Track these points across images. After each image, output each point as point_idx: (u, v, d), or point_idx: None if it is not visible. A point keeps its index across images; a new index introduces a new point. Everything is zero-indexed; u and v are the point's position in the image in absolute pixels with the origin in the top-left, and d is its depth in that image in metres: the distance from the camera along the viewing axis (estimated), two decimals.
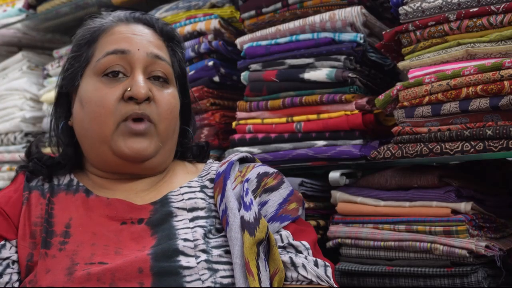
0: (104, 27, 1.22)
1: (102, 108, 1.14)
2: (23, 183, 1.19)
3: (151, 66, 1.19)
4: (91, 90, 1.17)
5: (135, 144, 1.14)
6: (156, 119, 1.17)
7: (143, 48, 1.18)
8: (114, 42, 1.18)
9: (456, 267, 1.34)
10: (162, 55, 1.21)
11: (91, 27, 1.23)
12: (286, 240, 1.13)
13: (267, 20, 1.71)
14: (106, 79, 1.17)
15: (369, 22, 1.58)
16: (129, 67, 1.17)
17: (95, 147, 1.17)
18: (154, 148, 1.17)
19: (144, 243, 1.07)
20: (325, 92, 1.57)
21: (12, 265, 1.08)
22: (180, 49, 1.30)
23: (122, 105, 1.14)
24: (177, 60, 1.27)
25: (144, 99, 1.14)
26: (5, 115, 2.43)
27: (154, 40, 1.22)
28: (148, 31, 1.23)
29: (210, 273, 1.03)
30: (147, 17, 1.26)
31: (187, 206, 1.14)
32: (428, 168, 1.44)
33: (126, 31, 1.20)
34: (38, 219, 1.12)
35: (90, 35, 1.22)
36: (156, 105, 1.17)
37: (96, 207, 1.14)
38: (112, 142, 1.14)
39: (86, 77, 1.19)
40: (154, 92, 1.18)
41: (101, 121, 1.14)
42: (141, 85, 1.14)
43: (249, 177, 1.19)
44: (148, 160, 1.17)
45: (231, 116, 1.79)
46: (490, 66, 1.28)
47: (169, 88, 1.22)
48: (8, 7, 2.52)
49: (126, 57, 1.17)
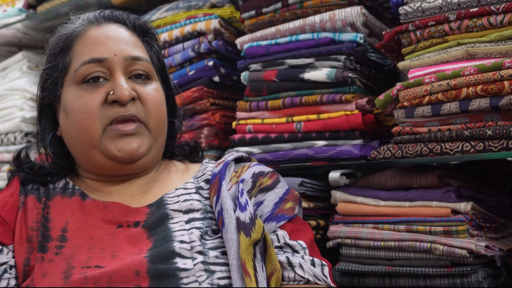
0: (76, 33, 1.19)
1: (86, 114, 1.13)
2: (19, 187, 1.19)
3: (130, 67, 1.17)
4: (73, 98, 1.15)
5: (125, 145, 1.13)
6: (145, 117, 1.16)
7: (120, 52, 1.16)
8: (89, 49, 1.16)
9: (456, 267, 1.34)
10: (140, 54, 1.19)
11: (63, 34, 1.21)
12: (282, 240, 1.13)
13: (267, 20, 1.71)
14: (87, 85, 1.15)
15: (369, 22, 1.58)
16: (108, 71, 1.16)
17: (85, 153, 1.17)
18: (147, 147, 1.16)
19: (141, 246, 1.07)
20: (325, 92, 1.57)
21: (9, 270, 1.08)
22: (156, 41, 1.28)
23: (106, 109, 1.13)
24: (154, 53, 1.26)
25: (128, 101, 1.13)
26: (5, 115, 2.43)
27: (129, 39, 1.20)
28: (121, 29, 1.21)
29: (207, 274, 1.03)
30: (118, 14, 1.24)
31: (183, 208, 1.14)
32: (428, 168, 1.44)
33: (99, 35, 1.18)
34: (34, 223, 1.12)
35: (63, 42, 1.19)
36: (142, 103, 1.16)
37: (92, 210, 1.14)
38: (101, 146, 1.13)
39: (66, 86, 1.17)
40: (138, 90, 1.16)
41: (86, 128, 1.13)
42: (124, 87, 1.13)
43: (244, 177, 1.19)
44: (140, 159, 1.17)
45: (231, 116, 1.79)
46: (490, 66, 1.28)
47: (152, 83, 1.20)
48: (8, 7, 2.52)
49: (104, 64, 1.15)
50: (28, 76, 2.46)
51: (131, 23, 1.23)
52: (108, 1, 2.15)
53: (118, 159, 1.14)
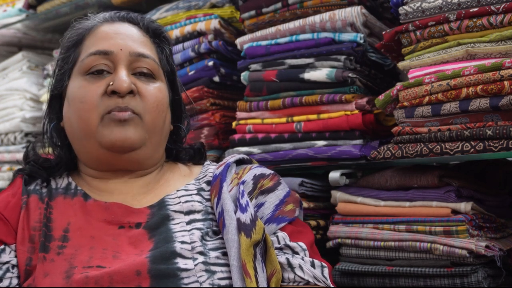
0: (89, 28, 1.22)
1: (86, 103, 1.15)
2: (21, 187, 1.19)
3: (135, 63, 1.19)
4: (76, 88, 1.18)
5: (119, 132, 1.14)
6: (141, 111, 1.16)
7: (126, 47, 1.18)
8: (97, 42, 1.19)
9: (456, 267, 1.34)
10: (147, 52, 1.21)
11: (77, 28, 1.24)
12: (282, 242, 1.13)
13: (267, 20, 1.71)
14: (91, 76, 1.17)
15: (369, 22, 1.58)
16: (112, 65, 1.18)
17: (83, 143, 1.18)
18: (139, 137, 1.16)
19: (142, 247, 1.07)
20: (325, 92, 1.57)
21: (12, 270, 1.08)
22: (167, 45, 1.29)
23: (105, 99, 1.15)
24: (165, 57, 1.27)
25: (126, 92, 1.14)
26: (5, 115, 2.43)
27: (139, 37, 1.22)
28: (132, 28, 1.23)
29: (208, 275, 1.03)
30: (132, 15, 1.26)
31: (184, 209, 1.14)
32: (428, 168, 1.44)
33: (109, 31, 1.21)
34: (36, 223, 1.12)
35: (77, 36, 1.22)
36: (141, 98, 1.17)
37: (94, 211, 1.14)
38: (98, 134, 1.14)
39: (73, 77, 1.20)
40: (139, 86, 1.17)
41: (85, 116, 1.15)
42: (123, 79, 1.15)
43: (245, 179, 1.19)
44: (134, 150, 1.17)
45: (231, 116, 1.79)
46: (490, 66, 1.28)
47: (156, 82, 1.21)
48: (8, 7, 2.52)
49: (109, 57, 1.17)
50: (28, 76, 2.46)
51: (144, 25, 1.26)
52: (108, 1, 2.15)
53: (111, 146, 1.15)
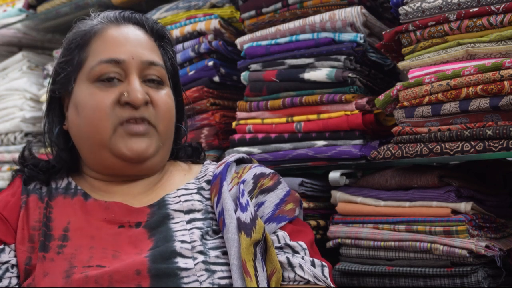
0: (95, 30, 1.20)
1: (98, 112, 1.14)
2: (21, 187, 1.19)
3: (145, 71, 1.19)
4: (86, 95, 1.16)
5: (135, 144, 1.14)
6: (155, 121, 1.17)
7: (137, 56, 1.17)
8: (107, 49, 1.17)
9: (456, 267, 1.34)
10: (156, 60, 1.21)
11: (81, 30, 1.22)
12: (283, 241, 1.13)
13: (267, 20, 1.71)
14: (101, 84, 1.16)
15: (369, 22, 1.58)
16: (123, 73, 1.17)
17: (94, 151, 1.17)
18: (155, 148, 1.17)
19: (142, 246, 1.07)
20: (325, 92, 1.57)
21: (11, 269, 1.08)
22: (170, 47, 1.29)
23: (118, 109, 1.14)
24: (168, 59, 1.27)
25: (142, 104, 1.14)
26: (5, 115, 2.43)
27: (147, 43, 1.22)
28: (139, 32, 1.22)
29: (208, 274, 1.03)
30: (137, 16, 1.25)
31: (184, 208, 1.15)
32: (428, 168, 1.44)
33: (118, 35, 1.19)
34: (36, 223, 1.12)
35: (81, 38, 1.20)
36: (154, 107, 1.17)
37: (94, 211, 1.14)
38: (111, 145, 1.14)
39: (79, 82, 1.18)
40: (151, 94, 1.18)
41: (97, 125, 1.14)
42: (138, 90, 1.14)
43: (245, 178, 1.20)
44: (148, 160, 1.17)
45: (231, 116, 1.79)
46: (490, 66, 1.28)
47: (164, 88, 1.22)
48: (8, 7, 2.52)
49: (121, 66, 1.16)
50: (28, 76, 2.46)
51: (149, 27, 1.25)
52: (108, 1, 2.15)
53: (127, 159, 1.15)
